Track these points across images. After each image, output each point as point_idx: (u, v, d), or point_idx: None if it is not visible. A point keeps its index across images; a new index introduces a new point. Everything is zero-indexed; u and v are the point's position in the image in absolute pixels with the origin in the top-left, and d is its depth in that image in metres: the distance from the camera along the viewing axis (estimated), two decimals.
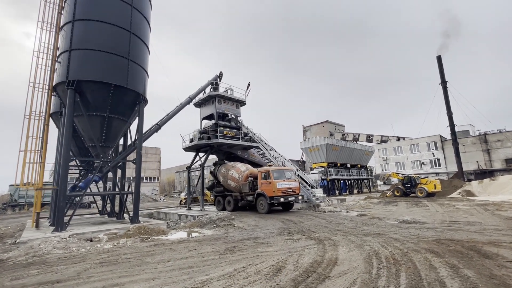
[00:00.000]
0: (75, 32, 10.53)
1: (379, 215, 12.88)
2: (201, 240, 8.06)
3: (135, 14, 12.00)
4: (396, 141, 48.61)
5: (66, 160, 9.38)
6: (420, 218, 11.23)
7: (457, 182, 27.71)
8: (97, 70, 10.36)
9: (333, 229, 9.05)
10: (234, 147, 18.37)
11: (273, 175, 13.25)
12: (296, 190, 13.92)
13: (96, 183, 11.80)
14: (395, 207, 16.55)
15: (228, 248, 6.78)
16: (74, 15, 10.69)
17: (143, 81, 12.38)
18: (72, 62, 10.23)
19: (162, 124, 14.63)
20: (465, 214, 11.78)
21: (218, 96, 17.97)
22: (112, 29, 11.03)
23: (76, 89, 10.00)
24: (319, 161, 27.84)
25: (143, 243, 8.07)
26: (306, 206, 17.81)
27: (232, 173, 15.82)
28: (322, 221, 10.82)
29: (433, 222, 9.89)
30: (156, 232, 9.68)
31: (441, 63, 39.19)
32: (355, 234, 7.98)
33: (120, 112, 11.20)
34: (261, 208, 13.52)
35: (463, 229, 8.12)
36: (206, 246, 7.19)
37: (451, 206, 15.21)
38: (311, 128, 76.28)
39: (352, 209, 16.45)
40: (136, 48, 11.90)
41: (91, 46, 10.45)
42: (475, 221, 9.67)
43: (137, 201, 10.85)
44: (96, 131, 10.89)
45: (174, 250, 6.83)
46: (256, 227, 10.35)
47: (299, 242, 7.19)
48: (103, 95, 10.52)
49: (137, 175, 11.07)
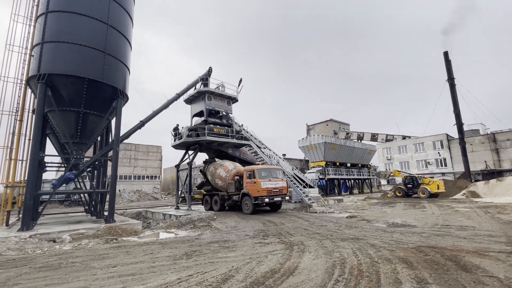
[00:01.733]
0: (48, 24, 10.16)
1: (370, 217, 12.16)
2: (167, 243, 7.57)
3: (114, 6, 11.58)
4: (400, 140, 47.27)
5: (34, 157, 9.02)
6: (411, 221, 10.48)
7: (462, 183, 26.52)
8: (69, 63, 9.97)
9: (312, 232, 8.44)
10: (225, 145, 17.85)
11: (258, 174, 12.67)
12: (283, 190, 13.31)
13: (72, 181, 11.46)
14: (391, 208, 15.75)
15: (187, 252, 6.26)
16: (48, 7, 10.32)
17: (123, 76, 11.97)
18: (44, 55, 9.86)
19: (146, 121, 14.21)
20: (461, 217, 10.96)
21: (208, 93, 17.47)
22: (87, 21, 10.62)
23: (47, 83, 9.62)
24: (317, 160, 27.08)
25: (106, 244, 7.63)
26: (300, 206, 17.18)
27: (219, 171, 15.32)
28: (305, 223, 10.21)
29: (424, 226, 9.15)
30: (128, 232, 9.25)
31: (448, 59, 37.74)
32: (332, 238, 7.36)
33: (96, 108, 10.81)
34: (246, 209, 12.97)
35: (452, 234, 7.39)
36: (167, 249, 6.69)
37: (450, 208, 14.34)
38: (315, 127, 75.18)
39: (345, 210, 15.73)
40: (115, 41, 11.49)
41: (64, 38, 10.06)
42: (469, 225, 8.88)
43: (112, 200, 10.44)
44: (71, 127, 10.52)
45: (130, 253, 6.35)
46: (233, 228, 9.81)
47: (267, 247, 6.61)
48: (76, 90, 10.13)
49: (113, 173, 10.66)
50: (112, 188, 10.58)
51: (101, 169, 12.85)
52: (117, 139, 10.95)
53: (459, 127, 35.82)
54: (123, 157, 47.21)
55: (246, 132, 20.35)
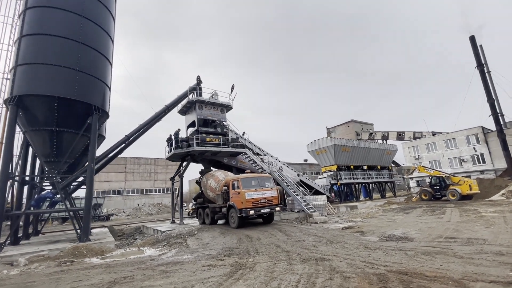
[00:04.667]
0: (22, 47, 10.46)
1: (370, 227, 10.58)
2: (113, 266, 6.96)
3: (88, 25, 11.69)
4: (428, 137, 43.15)
5: (4, 178, 9.09)
6: (414, 232, 8.80)
7: (500, 181, 22.99)
8: (40, 83, 10.10)
9: (282, 250, 7.32)
10: (219, 154, 17.22)
11: (242, 184, 11.75)
12: (273, 200, 12.19)
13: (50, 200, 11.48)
14: (405, 215, 13.79)
15: (116, 279, 5.55)
16: (22, 32, 10.66)
17: (101, 93, 11.96)
18: (17, 77, 10.11)
19: (131, 135, 14.10)
20: (480, 225, 9.00)
21: (198, 102, 17.10)
22: (59, 41, 10.79)
23: (18, 104, 9.80)
24: (328, 164, 25.28)
25: (55, 268, 7.22)
26: (303, 216, 15.81)
27: (210, 182, 14.65)
28: (283, 238, 9.03)
29: (423, 239, 7.54)
30: (94, 252, 8.84)
31: (475, 44, 33.98)
32: (296, 258, 6.22)
33: (71, 125, 10.81)
34: (232, 222, 12.05)
35: (447, 252, 5.82)
36: (105, 274, 6.06)
37: (475, 213, 12.12)
38: (335, 129, 72.12)
39: (351, 219, 14.10)
40: (90, 59, 11.54)
41: (35, 60, 10.27)
42: (481, 237, 7.11)
43: (87, 219, 10.20)
44: (46, 146, 10.60)
45: (60, 280, 5.80)
46: (203, 246, 8.96)
47: (211, 271, 5.68)
48: (48, 109, 10.20)
49: (88, 191, 10.46)
50: (86, 205, 10.36)
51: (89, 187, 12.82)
52: (92, 156, 10.80)
53: (496, 118, 31.73)
54: (143, 171, 48.89)
55: (244, 139, 19.60)
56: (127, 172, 46.31)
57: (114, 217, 35.93)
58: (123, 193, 45.05)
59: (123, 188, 45.31)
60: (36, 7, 10.81)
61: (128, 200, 44.72)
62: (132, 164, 47.34)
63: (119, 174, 45.38)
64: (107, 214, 34.17)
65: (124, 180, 45.74)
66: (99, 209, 33.98)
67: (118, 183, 45.05)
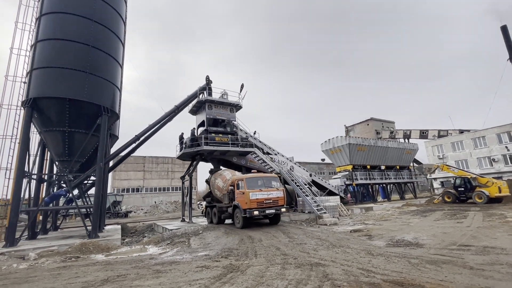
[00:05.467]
0: (37, 52, 11.01)
1: (380, 230, 10.03)
2: (113, 263, 7.08)
3: (99, 29, 12.08)
4: (455, 135, 40.54)
5: (19, 176, 9.62)
6: (426, 237, 8.19)
7: None
8: (52, 86, 10.57)
9: (281, 252, 7.09)
10: (228, 154, 17.20)
11: (247, 184, 11.60)
12: (279, 201, 11.93)
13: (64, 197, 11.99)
14: (422, 219, 12.97)
15: (110, 277, 5.62)
16: (37, 37, 11.23)
17: (110, 94, 12.33)
18: (32, 81, 10.66)
19: (141, 135, 14.42)
20: (503, 232, 8.20)
21: (208, 102, 17.17)
22: (71, 45, 11.24)
23: (33, 106, 10.32)
24: (343, 164, 24.46)
25: (61, 263, 7.49)
26: (313, 217, 15.39)
27: (218, 182, 14.65)
28: (285, 240, 8.77)
29: (434, 246, 6.97)
30: (101, 249, 9.11)
31: (507, 34, 31.36)
32: (291, 262, 5.98)
33: (81, 126, 11.22)
34: (237, 222, 11.95)
35: (456, 262, 5.30)
36: (102, 271, 6.17)
37: (501, 219, 11.13)
38: (354, 128, 69.99)
39: (363, 221, 13.52)
40: (99, 61, 11.92)
41: (48, 64, 10.76)
42: (501, 246, 6.43)
43: (95, 216, 10.55)
44: (59, 146, 11.09)
45: (59, 276, 5.98)
46: (204, 246, 8.93)
47: (203, 273, 5.60)
48: (60, 110, 10.66)
49: (97, 189, 10.82)
50: (95, 204, 10.72)
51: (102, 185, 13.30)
52: (101, 155, 11.14)
53: None
54: (161, 170, 50.31)
55: (254, 139, 19.45)
56: (146, 171, 47.88)
57: (132, 214, 37.24)
58: (141, 191, 46.64)
59: (141, 186, 46.92)
60: (49, 13, 11.34)
61: (147, 198, 46.22)
62: (151, 163, 48.86)
63: (138, 172, 47.03)
64: (126, 211, 35.46)
65: (142, 178, 47.33)
66: (118, 206, 35.39)
67: (137, 181, 46.70)
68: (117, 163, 16.10)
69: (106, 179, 16.15)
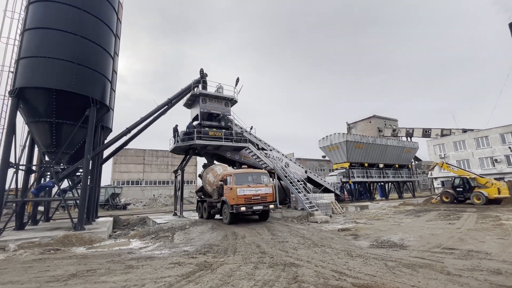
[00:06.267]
0: (24, 41, 10.84)
1: (367, 230, 9.82)
2: (90, 257, 6.99)
3: (87, 18, 11.83)
4: (457, 135, 39.87)
5: (4, 167, 9.55)
6: (412, 238, 7.97)
7: None
8: (39, 76, 10.41)
9: (260, 250, 6.94)
10: (221, 148, 17.02)
11: (235, 179, 11.43)
12: (267, 197, 11.76)
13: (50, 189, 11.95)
14: (414, 219, 12.72)
15: (77, 273, 5.50)
16: (24, 26, 11.04)
17: (100, 85, 12.16)
18: (19, 70, 10.51)
19: (132, 128, 14.27)
20: (492, 236, 7.94)
21: (202, 95, 16.95)
22: (59, 34, 11.03)
23: (18, 96, 10.19)
24: (340, 161, 24.14)
25: (39, 255, 7.43)
26: (306, 214, 15.24)
27: (209, 176, 14.52)
28: (269, 237, 8.62)
29: (419, 247, 6.75)
30: (83, 241, 9.05)
31: None
32: (266, 261, 5.82)
33: (69, 117, 11.08)
34: (224, 218, 11.82)
35: (435, 266, 5.08)
36: (76, 265, 6.08)
37: (494, 221, 10.85)
38: (356, 125, 69.30)
39: (355, 220, 13.32)
40: (88, 52, 11.72)
41: (35, 53, 10.58)
42: (486, 250, 6.18)
43: (82, 208, 10.48)
44: (46, 137, 10.99)
45: (30, 269, 5.89)
46: (187, 241, 8.82)
47: (173, 270, 5.46)
48: (47, 101, 10.52)
49: (84, 181, 10.73)
50: (82, 196, 10.65)
51: (94, 176, 13.27)
52: (89, 148, 11.03)
53: None
54: (161, 163, 50.45)
55: (249, 134, 19.22)
56: (146, 164, 48.06)
57: (131, 207, 37.49)
58: (141, 183, 46.90)
59: (141, 179, 47.15)
60: (38, 1, 11.12)
61: (146, 191, 46.48)
62: (150, 156, 49.00)
63: (138, 165, 47.22)
64: (124, 203, 35.69)
65: (142, 171, 47.54)
66: (117, 198, 35.62)
67: (137, 174, 46.93)
68: (110, 155, 16.00)
69: (99, 171, 16.12)
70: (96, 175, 14.65)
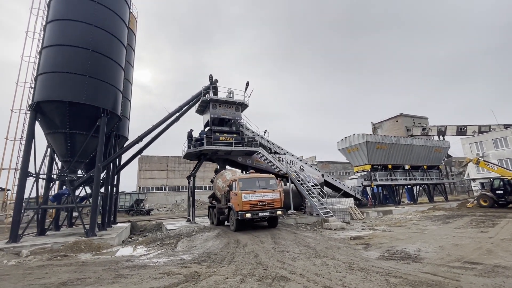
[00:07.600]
0: (42, 58, 11.61)
1: (382, 239, 8.97)
2: (90, 264, 7.07)
3: (98, 33, 12.40)
4: (498, 131, 36.10)
5: (23, 176, 10.18)
6: (431, 249, 7.07)
7: None
8: (54, 90, 11.03)
9: (256, 261, 6.55)
10: (232, 153, 16.88)
11: (240, 184, 11.15)
12: (275, 203, 11.29)
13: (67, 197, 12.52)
14: (440, 226, 11.49)
15: (68, 281, 5.53)
16: (42, 44, 11.85)
17: (111, 96, 12.63)
18: (37, 86, 11.25)
19: (144, 136, 14.62)
20: None
21: (212, 101, 17.01)
22: (72, 50, 11.66)
23: (36, 110, 10.87)
24: (361, 163, 22.83)
25: (46, 261, 7.69)
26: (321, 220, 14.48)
27: (218, 182, 14.39)
28: (270, 246, 8.16)
29: (435, 260, 5.92)
30: (92, 248, 9.29)
31: None
32: (257, 274, 5.44)
33: (82, 127, 11.59)
34: (231, 224, 11.54)
35: (447, 284, 4.34)
36: (72, 273, 6.15)
37: None
38: (382, 125, 65.91)
39: (373, 227, 12.37)
40: (100, 65, 12.24)
41: (51, 69, 11.26)
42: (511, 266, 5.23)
43: (93, 215, 10.83)
44: (62, 147, 11.58)
45: (27, 276, 6.06)
46: (188, 249, 8.66)
47: (159, 281, 5.29)
48: (61, 113, 11.09)
49: (95, 189, 11.10)
50: (93, 203, 11.02)
51: (109, 184, 13.78)
52: (100, 156, 11.43)
53: None
54: (183, 169, 51.77)
55: (261, 138, 18.91)
56: (169, 170, 49.63)
57: (154, 212, 38.71)
58: (165, 189, 48.44)
59: (165, 185, 48.71)
60: (54, 20, 11.89)
61: (169, 196, 47.87)
62: (173, 163, 50.54)
63: (161, 172, 48.93)
64: (148, 208, 36.94)
65: (166, 177, 49.14)
66: (141, 204, 37.03)
67: (160, 180, 48.60)
68: (126, 163, 16.59)
69: (117, 178, 16.77)
70: (112, 182, 15.19)
